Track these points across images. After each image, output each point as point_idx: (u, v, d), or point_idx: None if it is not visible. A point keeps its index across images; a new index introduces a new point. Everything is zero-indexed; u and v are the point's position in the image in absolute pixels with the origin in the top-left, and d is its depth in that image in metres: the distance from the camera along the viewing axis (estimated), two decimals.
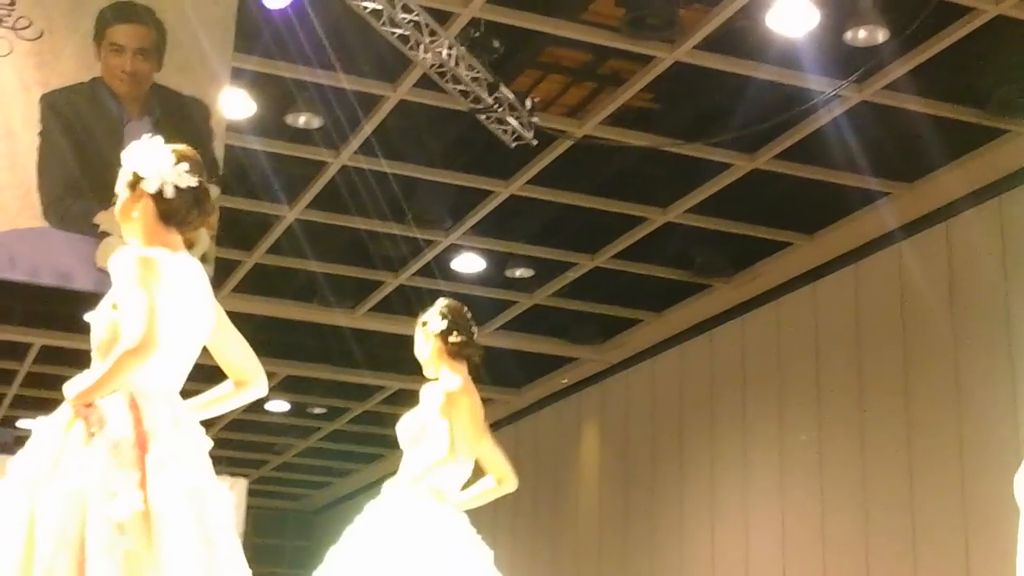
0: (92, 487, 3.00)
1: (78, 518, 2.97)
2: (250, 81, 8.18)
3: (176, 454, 3.22)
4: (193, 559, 3.03)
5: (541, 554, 13.60)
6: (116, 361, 3.15)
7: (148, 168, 3.41)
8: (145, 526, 3.00)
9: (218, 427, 16.40)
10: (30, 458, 3.13)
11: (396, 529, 4.52)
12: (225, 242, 9.27)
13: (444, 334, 4.81)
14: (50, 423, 3.20)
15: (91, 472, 3.03)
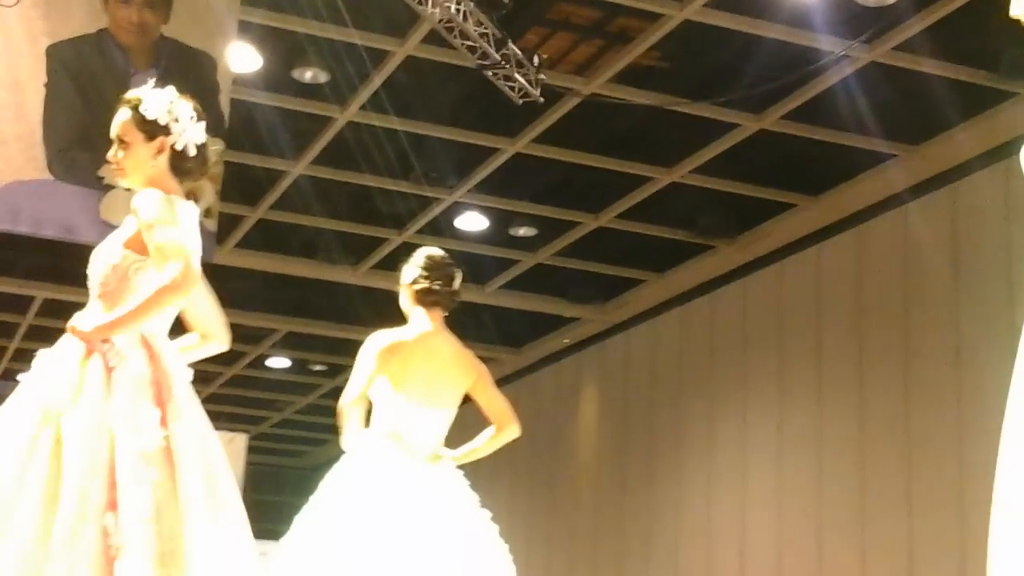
0: (118, 421, 3.06)
1: (107, 448, 3.03)
2: (257, 34, 8.14)
3: (187, 395, 3.30)
4: (203, 496, 3.11)
5: (538, 513, 13.67)
6: (153, 296, 3.18)
7: (176, 122, 3.41)
8: (167, 460, 3.08)
9: (218, 383, 16.48)
10: (45, 386, 3.16)
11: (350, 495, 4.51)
12: (229, 197, 9.24)
13: (412, 283, 4.82)
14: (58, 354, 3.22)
15: (116, 406, 3.09)
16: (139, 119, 3.41)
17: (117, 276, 3.27)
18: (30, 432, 3.06)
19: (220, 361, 15.37)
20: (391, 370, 4.68)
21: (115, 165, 3.44)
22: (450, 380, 4.74)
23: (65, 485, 2.96)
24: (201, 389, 17.83)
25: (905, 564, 8.84)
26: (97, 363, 3.16)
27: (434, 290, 4.80)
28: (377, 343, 4.71)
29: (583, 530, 13.08)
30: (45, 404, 3.10)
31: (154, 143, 3.41)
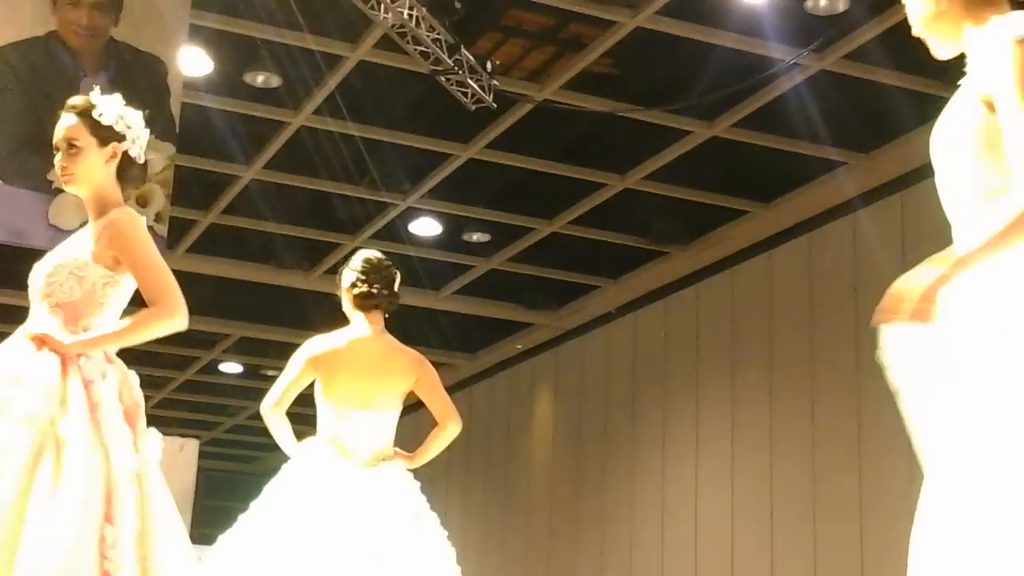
0: (107, 437, 3.09)
1: (103, 462, 3.05)
2: (208, 38, 8.09)
3: (143, 416, 3.31)
4: (167, 518, 3.15)
5: (493, 516, 13.67)
6: (147, 323, 3.22)
7: (129, 128, 3.40)
8: (138, 481, 3.12)
9: (170, 388, 16.35)
10: (29, 394, 3.11)
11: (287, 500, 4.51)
12: (181, 201, 9.19)
13: (351, 286, 4.81)
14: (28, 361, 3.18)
15: (102, 423, 3.10)
16: (93, 124, 3.38)
17: (83, 289, 3.25)
18: (16, 438, 3.04)
19: (172, 366, 15.28)
20: (322, 377, 4.69)
21: (64, 171, 3.39)
22: (385, 382, 4.73)
23: (66, 493, 2.96)
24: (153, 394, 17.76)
25: (856, 564, 8.90)
26: (76, 377, 3.15)
27: (372, 293, 4.79)
28: (305, 350, 4.74)
29: (538, 534, 13.08)
30: (34, 412, 3.07)
31: (107, 149, 3.38)
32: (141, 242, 3.27)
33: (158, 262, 3.27)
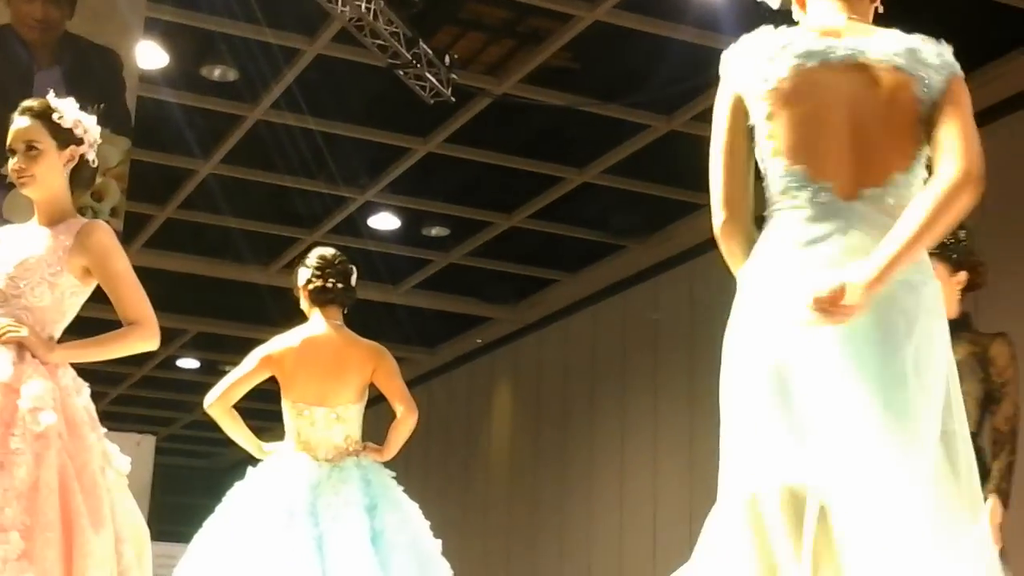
0: (96, 451, 3.10)
1: (97, 470, 3.04)
2: (164, 31, 8.03)
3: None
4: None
5: (452, 513, 13.67)
6: (128, 340, 3.26)
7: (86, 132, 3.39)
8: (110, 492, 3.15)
9: (127, 384, 16.23)
10: (29, 397, 3.09)
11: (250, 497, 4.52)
12: (136, 196, 9.11)
13: (306, 283, 4.81)
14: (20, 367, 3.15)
15: (86, 432, 3.10)
16: (53, 127, 3.34)
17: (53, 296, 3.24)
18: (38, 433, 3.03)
19: (129, 362, 15.15)
20: (279, 376, 4.69)
21: (23, 172, 3.34)
22: (343, 377, 4.72)
23: (72, 496, 2.96)
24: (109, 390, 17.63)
25: None
26: (56, 388, 3.14)
27: (328, 287, 4.79)
28: (261, 349, 4.74)
29: (497, 527, 13.09)
30: (43, 417, 3.05)
31: (66, 152, 3.36)
32: (122, 259, 3.29)
33: (136, 280, 3.30)
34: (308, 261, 4.86)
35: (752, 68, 2.39)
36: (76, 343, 3.24)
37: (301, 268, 4.87)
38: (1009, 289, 7.46)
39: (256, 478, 4.61)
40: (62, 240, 3.25)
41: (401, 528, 4.57)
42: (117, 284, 3.25)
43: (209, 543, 4.46)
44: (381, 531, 4.52)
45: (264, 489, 4.53)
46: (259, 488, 4.55)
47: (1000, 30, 7.77)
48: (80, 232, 3.26)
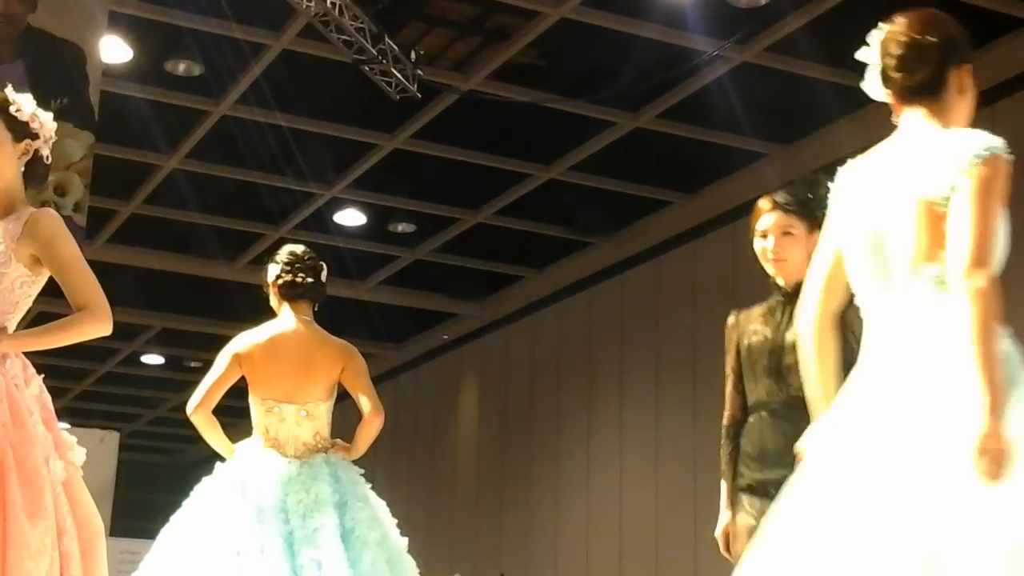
0: (41, 442, 3.06)
1: (44, 467, 3.02)
2: (128, 26, 7.98)
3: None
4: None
5: (418, 509, 13.66)
6: (77, 327, 3.20)
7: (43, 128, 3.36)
8: (65, 486, 3.11)
9: (91, 380, 16.14)
10: None
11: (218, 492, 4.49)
12: (100, 191, 9.04)
13: (276, 279, 4.79)
14: None
15: (36, 427, 3.07)
16: (9, 119, 3.32)
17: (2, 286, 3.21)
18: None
19: (92, 358, 15.07)
20: (248, 372, 4.66)
21: None
22: (311, 374, 4.70)
23: (8, 486, 2.93)
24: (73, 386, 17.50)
25: None
26: (2, 378, 3.11)
27: (297, 283, 4.76)
28: (231, 347, 4.71)
29: (463, 524, 13.10)
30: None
31: (21, 145, 3.33)
32: (70, 245, 3.24)
33: (86, 266, 3.24)
34: (278, 257, 4.84)
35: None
36: (25, 332, 3.21)
37: (271, 264, 4.85)
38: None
39: (224, 474, 4.59)
40: (11, 230, 3.23)
41: (371, 525, 4.56)
42: (65, 270, 3.22)
43: (176, 539, 4.44)
44: (351, 528, 4.51)
45: (232, 486, 4.51)
46: (227, 484, 4.53)
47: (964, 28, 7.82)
48: (28, 221, 3.24)
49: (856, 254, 2.58)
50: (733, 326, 3.85)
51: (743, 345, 3.76)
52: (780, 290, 3.75)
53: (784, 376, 3.61)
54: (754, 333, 3.74)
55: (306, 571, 4.29)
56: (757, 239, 3.76)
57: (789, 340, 3.60)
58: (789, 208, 3.71)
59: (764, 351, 3.68)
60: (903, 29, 2.71)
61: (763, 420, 3.64)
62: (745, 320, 3.82)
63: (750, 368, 3.72)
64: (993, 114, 8.03)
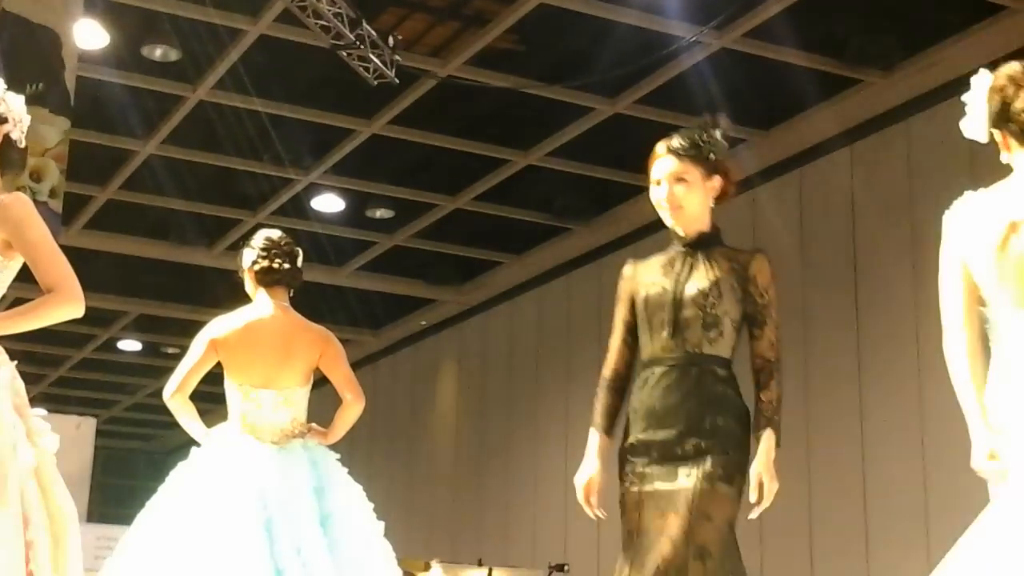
0: (8, 430, 3.03)
1: (12, 455, 3.00)
2: (104, 10, 7.93)
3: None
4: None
5: (397, 494, 13.66)
6: (48, 309, 3.14)
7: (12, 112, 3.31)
8: (37, 473, 3.08)
9: (67, 366, 16.07)
10: None
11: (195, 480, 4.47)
12: (77, 176, 9.00)
13: (252, 264, 4.76)
14: None
15: (3, 414, 3.04)
16: None
17: None
18: None
19: (69, 344, 15.01)
20: (225, 358, 4.64)
21: None
22: (289, 360, 4.68)
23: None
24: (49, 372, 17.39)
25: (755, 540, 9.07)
26: None
27: (275, 268, 4.73)
28: (207, 332, 4.67)
29: (441, 509, 13.11)
30: None
31: None
32: (39, 228, 3.20)
33: (56, 248, 3.20)
34: (253, 242, 4.81)
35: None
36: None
37: (246, 250, 4.81)
38: None
39: (200, 460, 4.57)
40: None
41: (348, 510, 4.56)
42: (35, 252, 3.19)
43: (152, 525, 4.42)
44: (329, 514, 4.50)
45: (210, 472, 4.49)
46: (204, 470, 4.51)
47: (942, 15, 7.86)
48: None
49: (991, 277, 2.64)
50: (629, 277, 3.64)
51: (639, 297, 3.55)
52: (680, 240, 3.57)
53: (682, 331, 3.42)
54: (652, 285, 3.53)
55: (285, 558, 4.28)
56: (652, 187, 3.60)
57: (689, 293, 3.44)
58: (683, 153, 3.56)
59: (663, 304, 3.47)
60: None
61: (656, 377, 3.44)
62: (643, 271, 3.61)
63: (646, 321, 3.51)
64: None
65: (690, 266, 3.51)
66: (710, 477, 3.29)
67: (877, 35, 7.95)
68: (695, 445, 3.34)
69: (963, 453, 7.71)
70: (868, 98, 8.57)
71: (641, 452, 3.41)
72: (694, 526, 3.24)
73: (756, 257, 3.60)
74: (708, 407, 3.37)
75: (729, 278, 3.51)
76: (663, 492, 3.34)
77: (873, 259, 8.56)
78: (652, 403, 3.41)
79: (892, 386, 8.27)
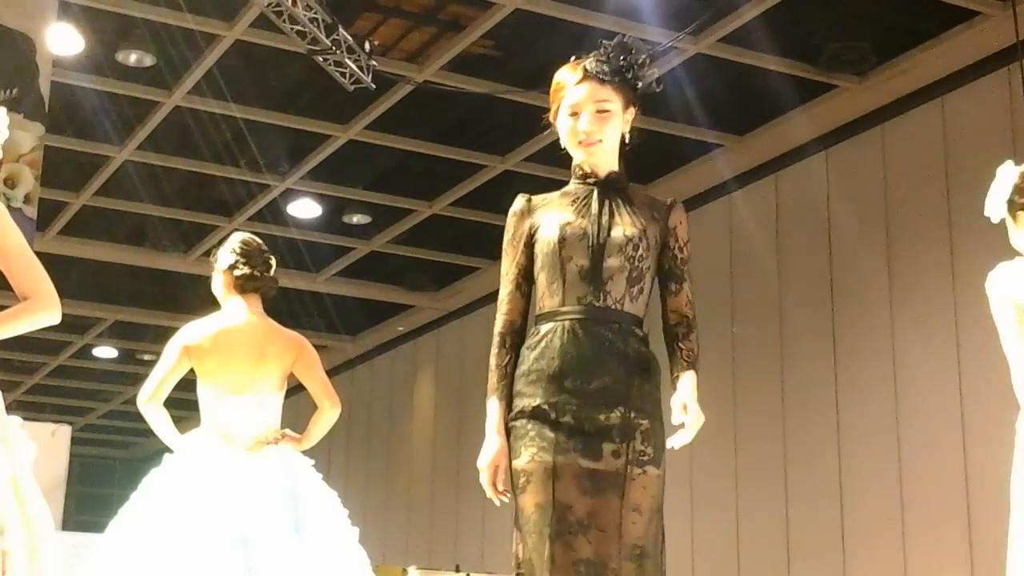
0: None
1: None
2: (79, 15, 7.90)
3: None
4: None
5: (374, 500, 13.64)
6: (24, 317, 3.11)
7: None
8: (13, 481, 3.06)
9: (43, 373, 15.98)
10: None
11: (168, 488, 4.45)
12: (51, 182, 8.97)
13: (230, 268, 4.71)
14: None
15: None
16: None
17: None
18: None
19: (44, 351, 14.93)
20: (198, 364, 4.60)
21: None
22: (263, 366, 4.65)
23: None
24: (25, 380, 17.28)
25: (732, 555, 9.08)
26: None
27: (254, 275, 4.69)
28: (180, 338, 4.63)
29: (419, 517, 13.09)
30: None
31: None
32: (13, 234, 3.18)
33: (31, 254, 3.18)
34: (231, 246, 4.74)
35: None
36: None
37: (223, 252, 4.75)
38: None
39: (174, 468, 4.54)
40: None
41: (323, 516, 4.54)
42: (9, 259, 3.16)
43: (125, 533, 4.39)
44: (304, 520, 4.49)
45: (184, 480, 4.47)
46: (178, 478, 4.48)
47: (915, 21, 7.91)
48: None
49: None
50: (524, 212, 3.10)
51: (542, 237, 3.01)
52: (589, 178, 3.12)
53: (602, 283, 2.92)
54: (565, 225, 2.99)
55: (260, 565, 4.27)
56: (563, 118, 3.12)
57: (616, 239, 2.97)
58: (606, 78, 3.09)
59: (580, 248, 2.95)
60: None
61: (565, 332, 2.93)
62: (545, 207, 3.08)
63: (554, 267, 2.97)
64: (943, 106, 8.13)
65: (610, 209, 3.04)
66: (641, 458, 2.83)
67: (851, 41, 7.99)
68: (622, 415, 2.86)
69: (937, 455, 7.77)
70: (843, 103, 8.61)
71: (543, 418, 2.91)
72: (627, 520, 2.80)
73: (676, 208, 3.13)
74: (635, 370, 2.90)
75: (652, 228, 3.04)
76: (586, 470, 2.84)
77: (849, 263, 8.60)
78: (564, 363, 2.90)
79: (868, 390, 8.31)
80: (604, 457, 2.83)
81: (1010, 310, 3.06)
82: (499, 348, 3.13)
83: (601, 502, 2.81)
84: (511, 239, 3.10)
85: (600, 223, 2.99)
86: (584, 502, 2.81)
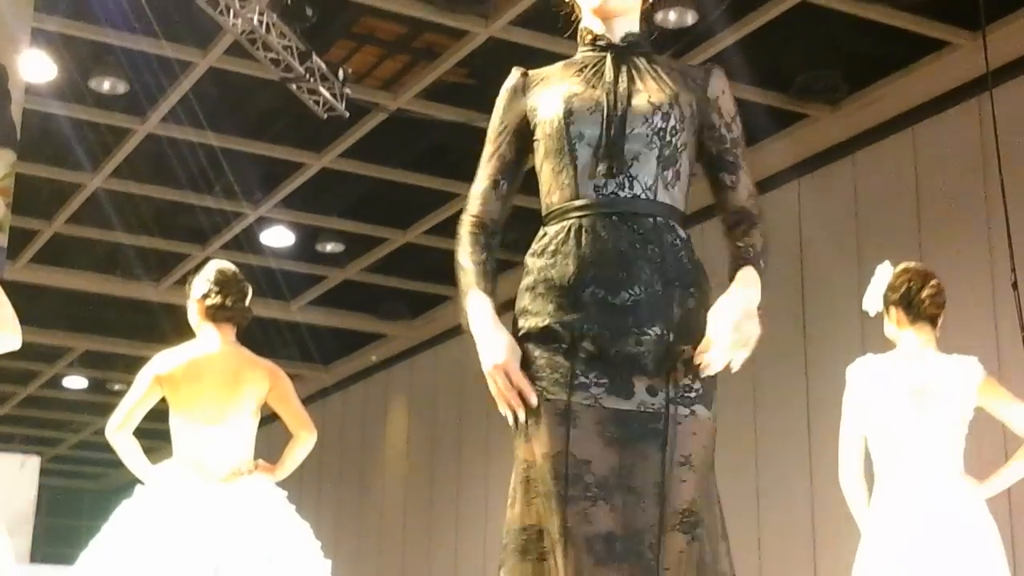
0: None
1: None
2: (52, 42, 7.87)
3: None
4: None
5: (346, 532, 13.56)
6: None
7: None
8: None
9: (12, 404, 15.84)
10: None
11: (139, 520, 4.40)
12: (22, 210, 8.90)
13: (203, 297, 4.67)
14: None
15: None
16: None
17: None
18: None
19: (13, 381, 14.80)
20: (171, 394, 4.56)
21: None
22: (237, 396, 4.61)
23: None
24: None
25: None
26: None
27: (227, 305, 4.65)
28: (151, 367, 4.59)
29: (391, 546, 13.02)
30: None
31: None
32: None
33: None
34: (206, 274, 4.71)
35: None
36: None
37: (197, 280, 4.72)
38: None
39: (146, 499, 4.49)
40: None
41: (295, 549, 4.51)
42: None
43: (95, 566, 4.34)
44: (276, 552, 4.45)
45: (156, 511, 4.42)
46: (150, 510, 4.43)
47: (887, 50, 7.97)
48: None
49: None
50: (518, 90, 2.53)
51: (543, 119, 2.39)
52: (600, 40, 2.51)
53: (625, 165, 2.28)
54: (571, 97, 2.36)
55: None
56: None
57: (639, 108, 2.32)
58: None
59: (594, 123, 2.31)
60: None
61: (583, 231, 2.31)
62: (543, 82, 2.48)
63: (561, 151, 2.35)
64: (913, 135, 8.18)
65: (629, 75, 2.38)
66: (687, 395, 2.21)
67: (823, 70, 8.05)
68: (658, 338, 2.21)
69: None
70: (815, 132, 8.66)
71: (561, 342, 2.27)
72: (672, 478, 2.16)
73: (715, 73, 2.47)
74: (674, 279, 2.28)
75: (686, 96, 2.38)
76: (611, 412, 2.19)
77: (821, 290, 8.63)
78: (581, 270, 2.27)
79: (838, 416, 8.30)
80: (636, 394, 2.20)
81: (858, 401, 3.34)
82: (472, 246, 2.50)
83: (634, 454, 2.16)
84: (498, 124, 2.53)
85: (617, 91, 2.34)
86: (608, 456, 2.17)
